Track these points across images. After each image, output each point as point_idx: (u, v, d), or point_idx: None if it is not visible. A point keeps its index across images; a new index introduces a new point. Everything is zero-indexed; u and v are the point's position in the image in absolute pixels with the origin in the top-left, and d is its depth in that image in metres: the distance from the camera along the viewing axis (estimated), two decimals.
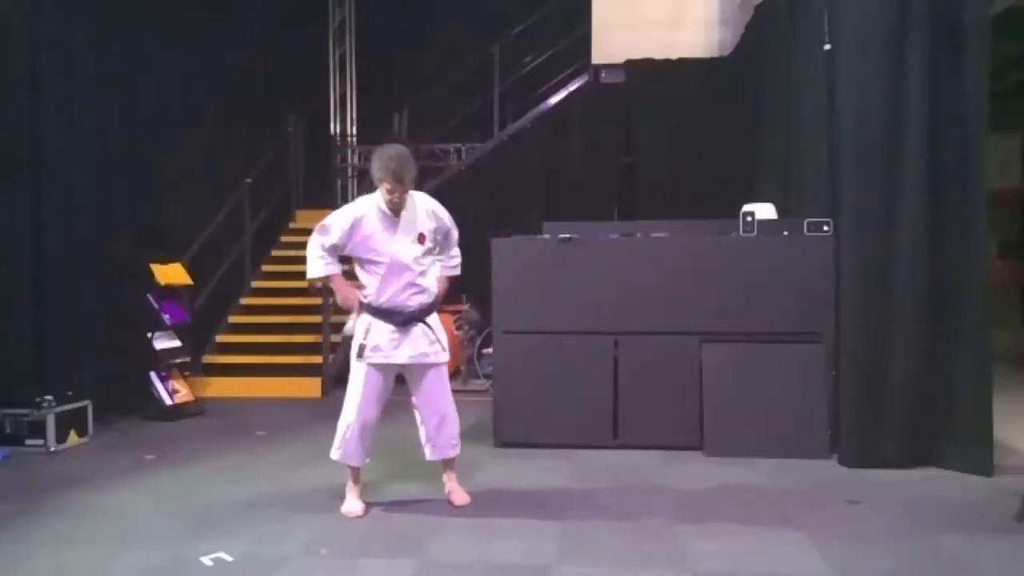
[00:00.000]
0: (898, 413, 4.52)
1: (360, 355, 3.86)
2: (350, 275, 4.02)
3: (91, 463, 4.93)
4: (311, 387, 7.17)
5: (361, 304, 3.92)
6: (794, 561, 3.27)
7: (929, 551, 3.37)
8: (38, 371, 5.61)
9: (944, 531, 3.57)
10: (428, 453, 4.04)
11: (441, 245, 4.06)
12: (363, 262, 3.89)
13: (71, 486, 4.40)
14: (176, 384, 6.49)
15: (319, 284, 3.99)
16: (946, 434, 4.47)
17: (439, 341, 3.94)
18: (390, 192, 3.78)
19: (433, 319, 3.96)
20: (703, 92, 8.10)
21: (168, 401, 6.34)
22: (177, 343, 6.66)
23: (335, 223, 3.85)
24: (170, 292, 6.67)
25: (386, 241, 3.83)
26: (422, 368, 3.92)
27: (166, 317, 6.54)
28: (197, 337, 7.34)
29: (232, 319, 8.16)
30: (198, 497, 4.20)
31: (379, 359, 3.85)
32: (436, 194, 4.24)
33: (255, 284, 8.52)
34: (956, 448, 4.42)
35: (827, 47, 4.87)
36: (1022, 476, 4.25)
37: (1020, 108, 7.92)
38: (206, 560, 3.32)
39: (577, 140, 9.13)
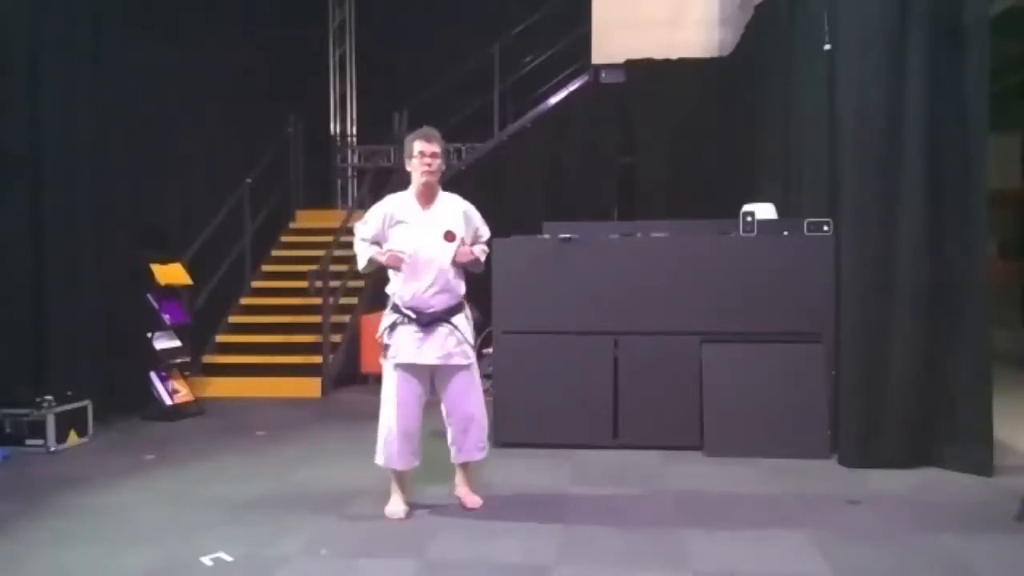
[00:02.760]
0: (898, 413, 4.52)
1: (385, 355, 3.82)
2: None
3: (91, 463, 4.93)
4: (311, 387, 7.17)
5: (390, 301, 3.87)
6: (794, 561, 3.28)
7: (929, 551, 3.37)
8: (38, 371, 5.61)
9: (944, 531, 3.57)
10: (454, 455, 3.97)
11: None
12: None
13: (71, 486, 4.40)
14: (176, 384, 6.49)
15: (369, 269, 3.93)
16: (946, 434, 4.47)
17: (466, 342, 3.85)
18: (422, 155, 3.76)
19: (459, 319, 3.86)
20: (703, 92, 8.09)
21: (168, 401, 6.34)
22: (177, 343, 6.65)
23: (371, 214, 3.88)
24: (170, 292, 6.67)
25: (413, 234, 3.78)
26: (449, 369, 3.84)
27: (166, 317, 6.54)
28: (197, 337, 7.34)
29: (232, 319, 8.16)
30: (198, 497, 4.20)
31: (404, 359, 3.78)
32: None
33: (255, 284, 8.53)
34: (956, 448, 4.43)
35: (827, 47, 4.86)
36: (1022, 476, 4.25)
37: (1020, 108, 7.92)
38: (206, 560, 3.32)
39: (577, 140, 9.13)
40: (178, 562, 3.33)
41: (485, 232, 4.04)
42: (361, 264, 3.94)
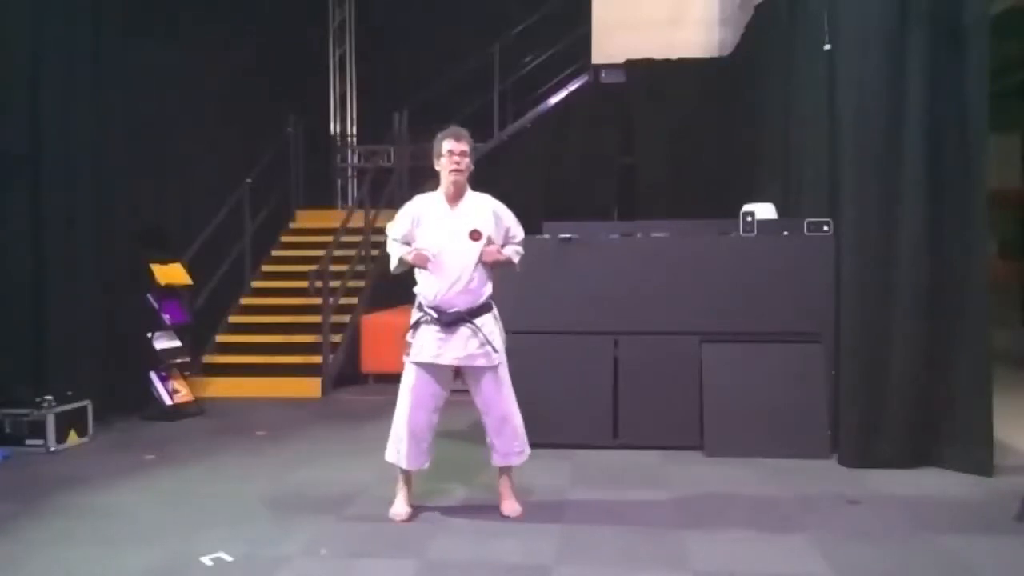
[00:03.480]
0: (898, 413, 4.52)
1: (408, 353, 3.79)
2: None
3: (91, 463, 4.92)
4: (311, 387, 7.17)
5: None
6: (794, 561, 3.28)
7: (929, 551, 3.37)
8: (38, 371, 5.60)
9: (944, 531, 3.57)
10: (492, 459, 3.95)
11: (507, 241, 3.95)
12: None
13: (71, 486, 4.40)
14: (176, 384, 6.48)
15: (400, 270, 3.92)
16: (946, 434, 4.47)
17: (489, 343, 3.76)
18: (451, 154, 3.74)
19: (484, 320, 3.78)
20: (703, 92, 8.10)
21: (168, 401, 6.33)
22: (177, 343, 6.65)
23: (400, 214, 3.87)
24: (170, 292, 6.67)
25: (438, 232, 3.75)
26: (475, 371, 3.80)
27: (166, 317, 6.53)
28: (197, 337, 7.33)
29: (232, 319, 8.16)
30: (198, 497, 4.20)
31: (423, 358, 3.75)
32: None
33: (255, 284, 8.52)
34: (956, 448, 4.43)
35: (827, 47, 4.86)
36: (1022, 476, 4.25)
37: (1020, 108, 7.91)
38: (206, 560, 3.33)
39: (577, 140, 9.13)
40: (178, 562, 3.33)
41: (519, 233, 3.96)
42: (392, 264, 3.90)
